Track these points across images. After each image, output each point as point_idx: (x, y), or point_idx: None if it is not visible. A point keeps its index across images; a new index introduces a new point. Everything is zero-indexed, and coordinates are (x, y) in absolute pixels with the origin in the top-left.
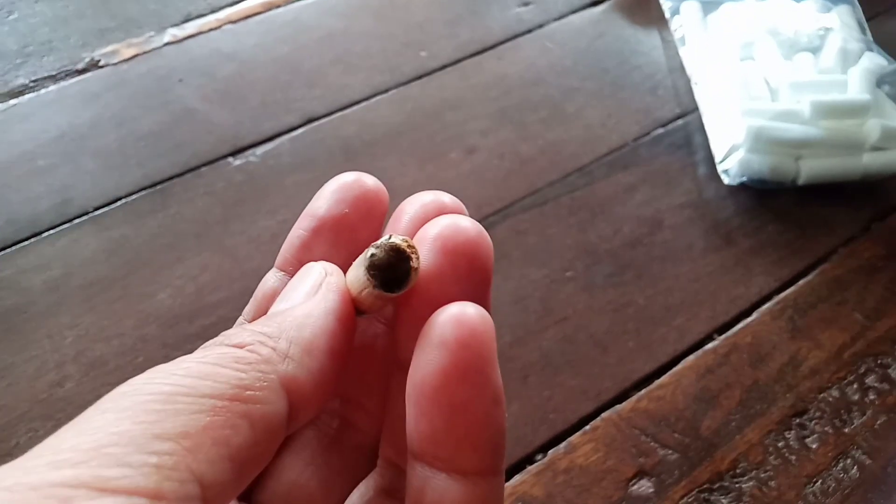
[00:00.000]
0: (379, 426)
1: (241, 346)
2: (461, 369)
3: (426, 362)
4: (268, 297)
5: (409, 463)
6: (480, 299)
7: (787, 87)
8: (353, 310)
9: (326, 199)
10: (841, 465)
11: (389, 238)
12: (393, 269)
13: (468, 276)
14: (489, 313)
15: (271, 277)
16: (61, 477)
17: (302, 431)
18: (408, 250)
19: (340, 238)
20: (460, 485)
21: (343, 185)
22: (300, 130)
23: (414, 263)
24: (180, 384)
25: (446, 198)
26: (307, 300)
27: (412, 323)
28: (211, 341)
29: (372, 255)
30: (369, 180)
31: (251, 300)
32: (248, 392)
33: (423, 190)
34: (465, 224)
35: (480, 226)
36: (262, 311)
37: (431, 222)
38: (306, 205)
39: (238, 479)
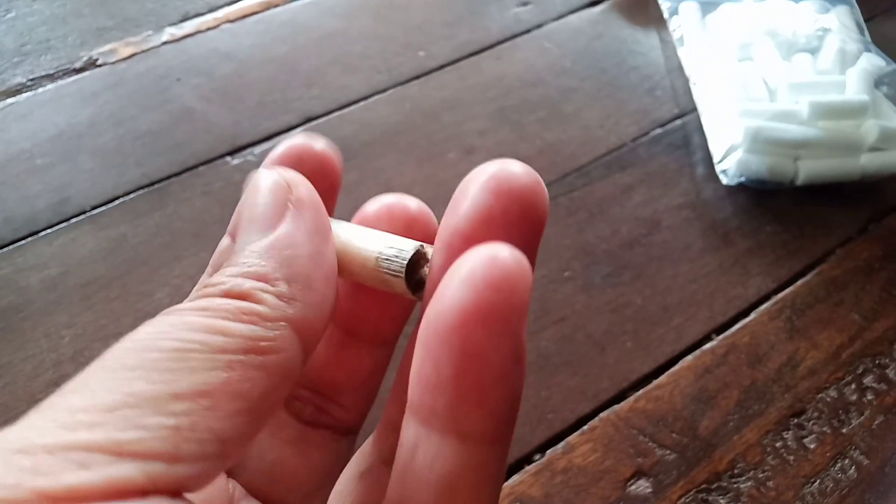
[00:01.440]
0: (356, 404)
1: (241, 297)
2: (484, 310)
3: (445, 297)
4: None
5: (404, 419)
6: (528, 253)
7: (786, 87)
8: (329, 221)
9: (278, 163)
10: (839, 465)
11: (420, 247)
12: (416, 273)
13: (519, 224)
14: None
15: (229, 247)
16: (77, 440)
17: (279, 413)
18: (427, 254)
19: None
20: (456, 448)
21: (296, 157)
22: (298, 130)
23: (425, 274)
24: (192, 340)
25: (412, 202)
26: (278, 226)
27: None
28: (199, 291)
29: (409, 262)
30: (319, 145)
31: (208, 268)
32: (262, 343)
33: (421, 190)
34: (520, 170)
35: (533, 171)
36: None
37: (485, 164)
38: None
39: (256, 428)
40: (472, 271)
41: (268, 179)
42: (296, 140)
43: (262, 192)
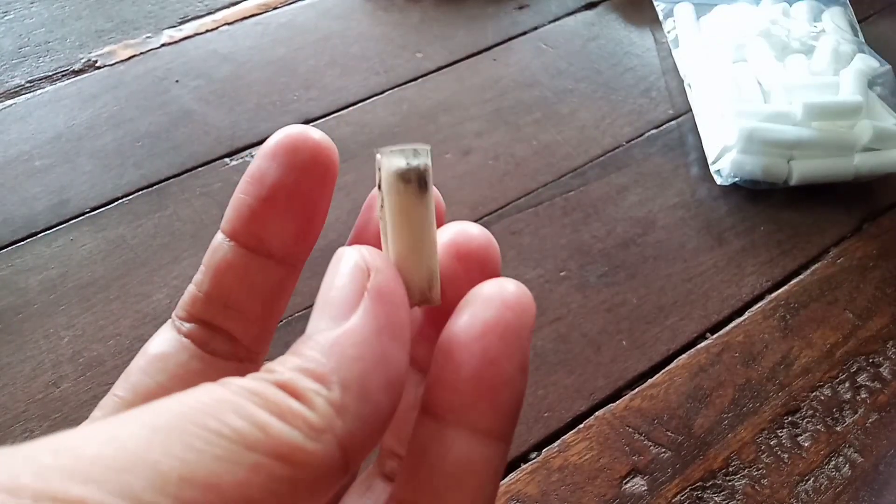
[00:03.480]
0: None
1: (293, 393)
2: (502, 326)
3: (468, 314)
4: (220, 271)
5: (417, 420)
6: None
7: (780, 88)
8: (409, 316)
9: (273, 160)
10: (833, 463)
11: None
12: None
13: (480, 278)
14: None
15: (222, 245)
16: (67, 492)
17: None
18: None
19: (295, 206)
20: (469, 441)
21: (289, 145)
22: None
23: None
24: (229, 425)
25: (315, 134)
26: (349, 314)
27: (426, 323)
28: (264, 376)
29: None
30: (317, 135)
31: (202, 268)
32: (298, 454)
33: None
34: (474, 231)
35: (487, 231)
36: (217, 286)
37: (442, 228)
38: None
39: None
40: (493, 295)
41: (349, 260)
42: (291, 129)
43: (341, 274)
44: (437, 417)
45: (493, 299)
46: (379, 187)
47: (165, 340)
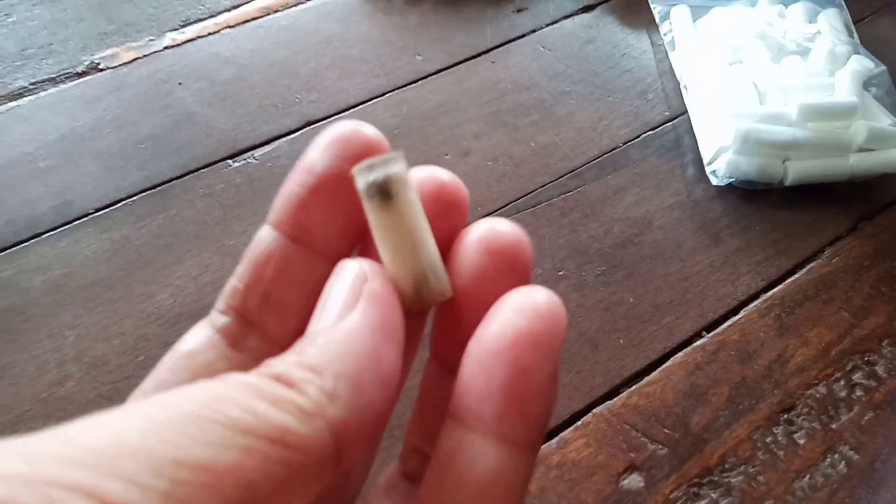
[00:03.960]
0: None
1: (287, 383)
2: (534, 335)
3: (500, 322)
4: (261, 262)
5: (445, 425)
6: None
7: (775, 89)
8: (403, 318)
9: (324, 152)
10: (829, 460)
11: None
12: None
13: (510, 276)
14: None
15: (266, 236)
16: (61, 476)
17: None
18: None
19: (340, 197)
20: (498, 450)
21: (342, 138)
22: (298, 133)
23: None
24: (222, 412)
25: (368, 130)
26: (346, 315)
27: (455, 320)
28: (259, 370)
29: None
30: (369, 130)
31: (243, 259)
32: (289, 436)
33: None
34: (504, 227)
35: (517, 227)
36: (257, 277)
37: (473, 226)
38: None
39: None
40: (524, 304)
41: (349, 268)
42: (345, 123)
43: (341, 280)
44: (465, 425)
45: (525, 308)
46: None
47: (197, 337)
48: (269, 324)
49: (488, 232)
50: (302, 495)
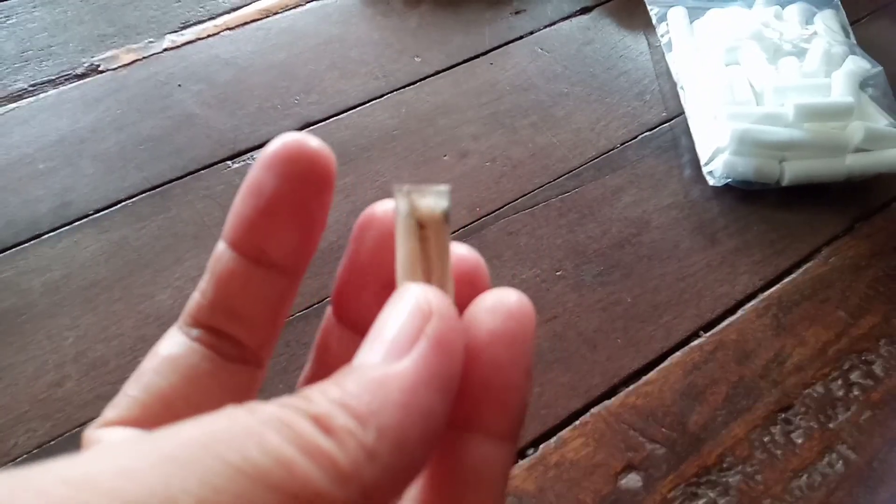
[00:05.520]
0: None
1: (326, 429)
2: (509, 334)
3: (474, 325)
4: (223, 279)
5: None
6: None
7: (772, 90)
8: (461, 366)
9: (270, 171)
10: (826, 459)
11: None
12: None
13: (470, 291)
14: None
15: (225, 254)
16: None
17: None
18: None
19: (293, 218)
20: (482, 443)
21: (288, 156)
22: None
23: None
24: (251, 460)
25: (312, 143)
26: (402, 355)
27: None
28: (297, 402)
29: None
30: (313, 143)
31: (206, 274)
32: (321, 500)
33: None
34: (464, 251)
35: (474, 251)
36: (221, 294)
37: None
38: None
39: None
40: (496, 306)
41: (412, 297)
42: (287, 138)
43: (400, 311)
44: (450, 423)
45: (498, 310)
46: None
47: (175, 343)
48: (240, 335)
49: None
50: None
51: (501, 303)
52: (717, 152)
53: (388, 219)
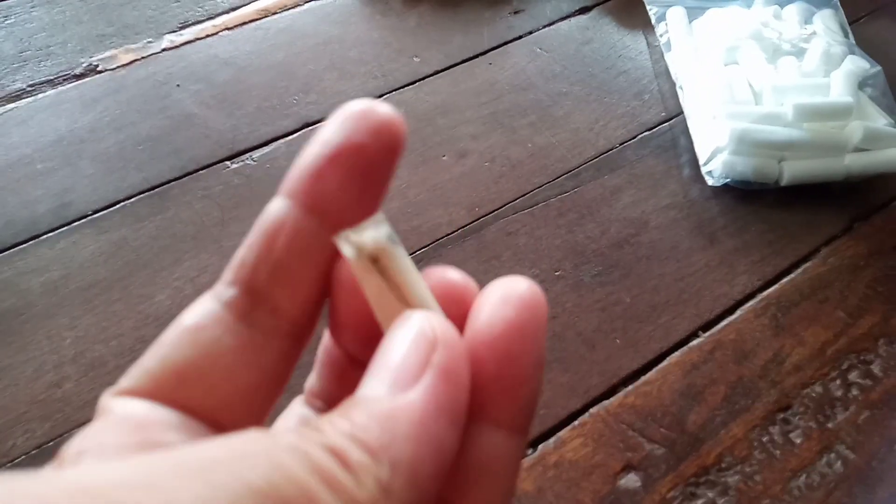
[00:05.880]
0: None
1: (344, 463)
2: (522, 325)
3: (487, 314)
4: (272, 232)
5: None
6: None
7: (771, 90)
8: (468, 396)
9: (341, 125)
10: (825, 459)
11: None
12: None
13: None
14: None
15: (278, 206)
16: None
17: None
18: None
19: (356, 170)
20: (493, 435)
21: (360, 112)
22: (296, 135)
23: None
24: (276, 486)
25: (382, 108)
26: (409, 387)
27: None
28: (316, 433)
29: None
30: (383, 108)
31: (253, 230)
32: None
33: (416, 192)
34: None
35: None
36: (267, 248)
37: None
38: None
39: None
40: (509, 294)
41: (416, 324)
42: (360, 102)
43: (405, 339)
44: None
45: (510, 299)
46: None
47: (202, 311)
48: (279, 297)
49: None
50: None
51: (512, 291)
52: (715, 152)
53: (347, 274)
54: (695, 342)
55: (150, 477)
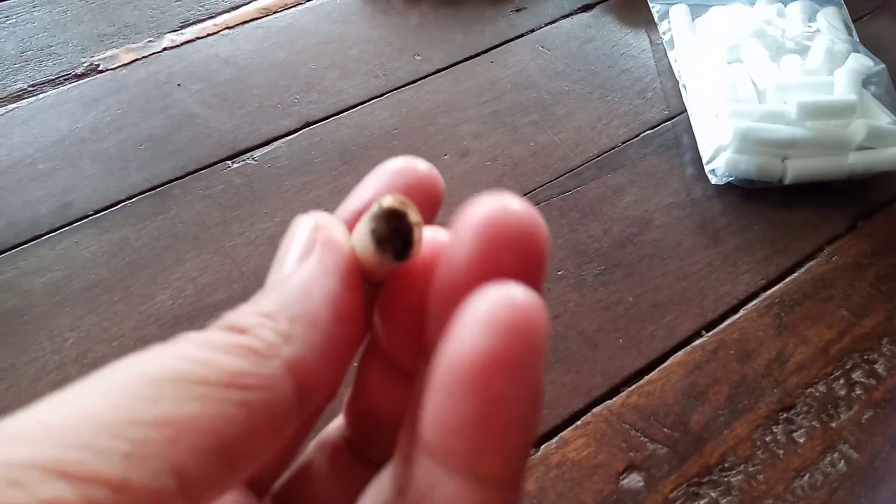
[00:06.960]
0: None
1: (240, 330)
2: (509, 358)
3: (470, 341)
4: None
5: (414, 458)
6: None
7: (774, 88)
8: (356, 263)
9: (376, 183)
10: (828, 459)
11: (381, 204)
12: (399, 235)
13: (518, 273)
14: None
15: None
16: (17, 455)
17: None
18: (405, 208)
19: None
20: (473, 490)
21: (394, 171)
22: (297, 134)
23: (413, 218)
24: (171, 367)
25: (421, 165)
26: (302, 263)
27: (439, 310)
28: (213, 325)
29: (373, 229)
30: (422, 165)
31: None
32: (246, 378)
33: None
34: (515, 207)
35: (533, 209)
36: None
37: (472, 203)
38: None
39: (229, 471)
40: (492, 315)
41: (304, 221)
42: (398, 160)
43: (296, 233)
44: (437, 460)
45: (494, 320)
46: None
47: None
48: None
49: (492, 212)
50: (271, 439)
51: (502, 312)
52: (719, 150)
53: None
54: (698, 342)
55: (60, 394)
